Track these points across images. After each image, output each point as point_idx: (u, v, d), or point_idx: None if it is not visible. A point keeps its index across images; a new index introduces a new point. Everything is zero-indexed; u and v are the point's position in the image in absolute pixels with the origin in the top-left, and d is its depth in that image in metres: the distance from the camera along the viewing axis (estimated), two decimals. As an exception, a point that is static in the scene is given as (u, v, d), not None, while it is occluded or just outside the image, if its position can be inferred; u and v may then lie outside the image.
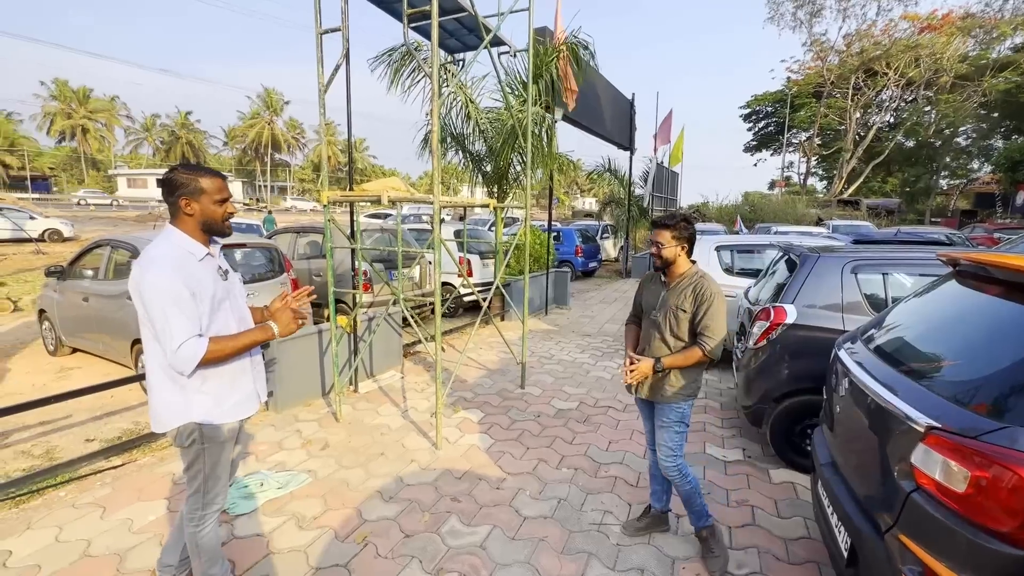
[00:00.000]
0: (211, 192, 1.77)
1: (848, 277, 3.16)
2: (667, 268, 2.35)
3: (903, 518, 1.41)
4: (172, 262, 1.67)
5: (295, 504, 2.84)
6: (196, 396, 1.77)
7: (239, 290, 1.97)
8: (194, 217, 1.77)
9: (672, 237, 2.28)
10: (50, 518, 2.69)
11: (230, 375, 1.85)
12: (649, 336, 2.39)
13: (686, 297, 2.26)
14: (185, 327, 1.64)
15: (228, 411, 1.86)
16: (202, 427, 1.80)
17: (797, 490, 3.08)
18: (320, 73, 3.50)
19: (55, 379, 5.19)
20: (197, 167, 1.81)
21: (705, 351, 2.21)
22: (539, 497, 2.95)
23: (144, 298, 1.65)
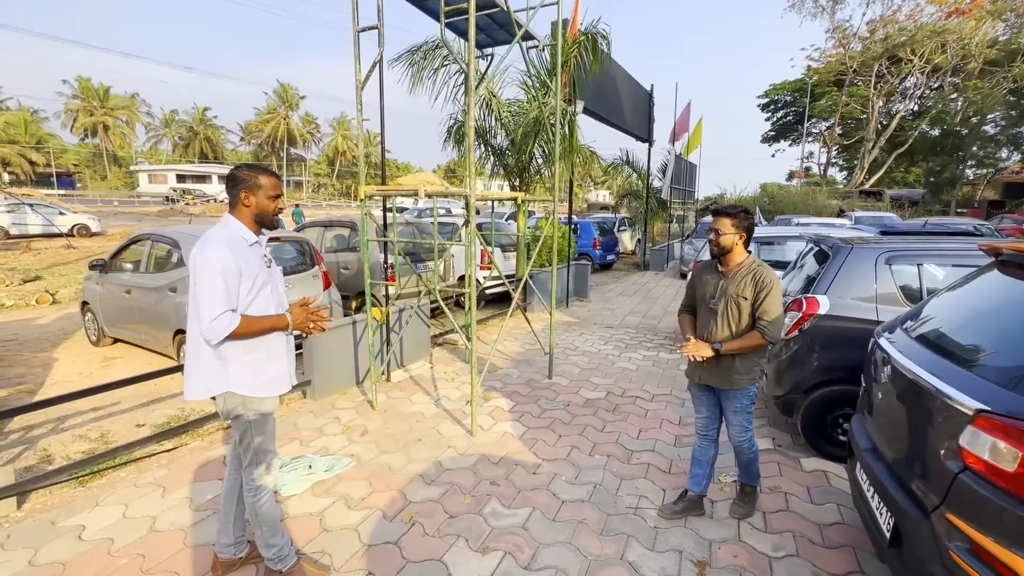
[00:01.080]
0: (267, 188, 2.01)
1: (882, 268, 3.18)
2: (724, 256, 2.44)
3: (950, 497, 1.47)
4: (227, 242, 1.90)
5: (342, 486, 2.97)
6: (233, 367, 1.96)
7: (279, 279, 2.18)
8: (250, 209, 2.00)
9: (732, 225, 2.38)
10: (115, 496, 2.85)
11: (267, 352, 2.04)
12: (708, 324, 2.48)
13: (746, 285, 2.36)
14: (224, 301, 1.85)
15: (265, 385, 2.04)
16: (245, 399, 2.00)
17: (829, 478, 3.12)
18: (357, 70, 3.59)
19: (99, 368, 5.42)
20: (258, 167, 2.04)
21: (766, 335, 2.32)
22: (575, 482, 3.04)
23: (198, 270, 1.86)
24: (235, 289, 1.89)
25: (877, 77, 30.00)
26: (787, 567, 2.34)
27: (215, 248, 1.87)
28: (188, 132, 64.53)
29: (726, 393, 2.52)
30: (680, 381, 4.87)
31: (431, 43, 6.81)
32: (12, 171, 50.06)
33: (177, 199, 38.90)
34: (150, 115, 63.59)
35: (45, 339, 6.53)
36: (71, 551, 2.39)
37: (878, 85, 30.32)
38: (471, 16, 3.20)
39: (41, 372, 5.23)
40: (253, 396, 2.01)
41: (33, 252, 15.13)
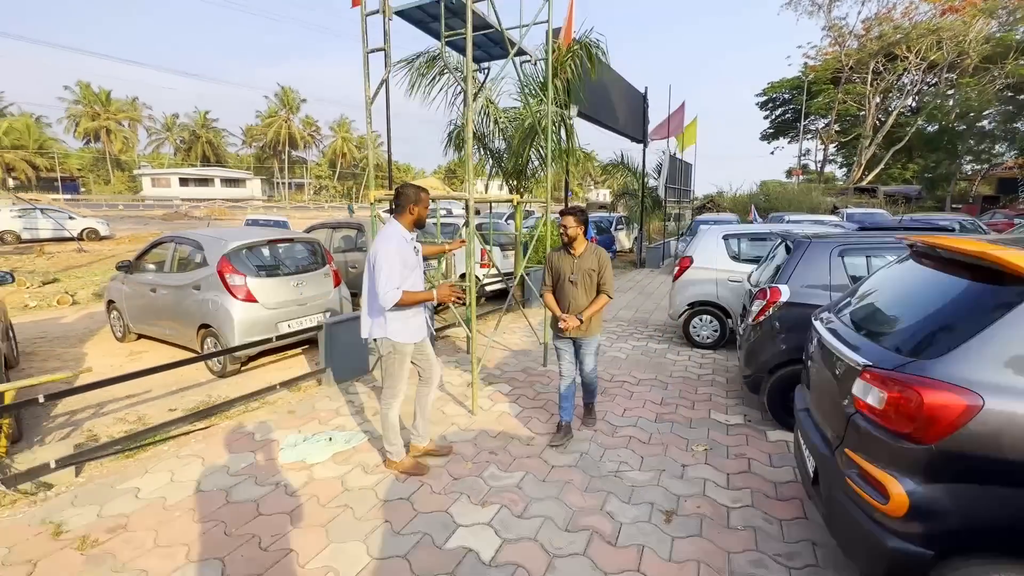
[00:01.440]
0: (424, 202, 2.97)
1: (836, 260, 3.58)
2: (573, 244, 3.43)
3: (847, 436, 1.86)
4: (397, 240, 2.84)
5: (358, 456, 3.38)
6: (390, 322, 2.92)
7: (421, 264, 3.08)
8: (413, 216, 2.95)
9: (575, 221, 3.39)
10: (161, 465, 3.27)
11: (412, 312, 3.00)
12: (570, 294, 3.44)
13: (593, 262, 3.41)
14: (395, 279, 2.76)
15: (411, 333, 3.01)
16: (395, 343, 2.95)
17: (789, 446, 3.52)
18: (366, 87, 4.00)
19: (128, 361, 5.84)
20: (418, 187, 3.00)
21: (609, 295, 3.43)
22: (564, 451, 3.45)
23: (379, 258, 2.76)
24: (400, 272, 2.76)
25: (874, 74, 30.34)
26: (742, 515, 2.74)
27: (391, 244, 2.78)
28: (190, 136, 65.07)
29: (582, 342, 3.53)
30: (664, 369, 5.27)
31: (432, 52, 7.20)
32: (16, 176, 50.65)
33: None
34: (152, 119, 64.18)
35: (72, 336, 6.96)
36: (131, 506, 2.80)
37: (875, 82, 30.66)
38: (468, 37, 3.60)
39: (75, 365, 5.65)
40: (401, 341, 2.96)
41: (47, 256, 15.56)
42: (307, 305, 5.55)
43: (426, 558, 2.40)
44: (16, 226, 19.81)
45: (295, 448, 3.41)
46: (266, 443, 3.56)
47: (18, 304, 9.10)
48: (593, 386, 3.80)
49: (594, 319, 3.47)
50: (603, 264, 3.43)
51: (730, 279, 5.75)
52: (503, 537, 2.55)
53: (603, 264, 3.43)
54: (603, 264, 3.43)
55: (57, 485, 3.04)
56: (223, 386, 4.98)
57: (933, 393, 1.57)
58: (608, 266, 3.45)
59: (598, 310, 3.42)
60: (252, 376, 5.26)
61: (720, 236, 5.98)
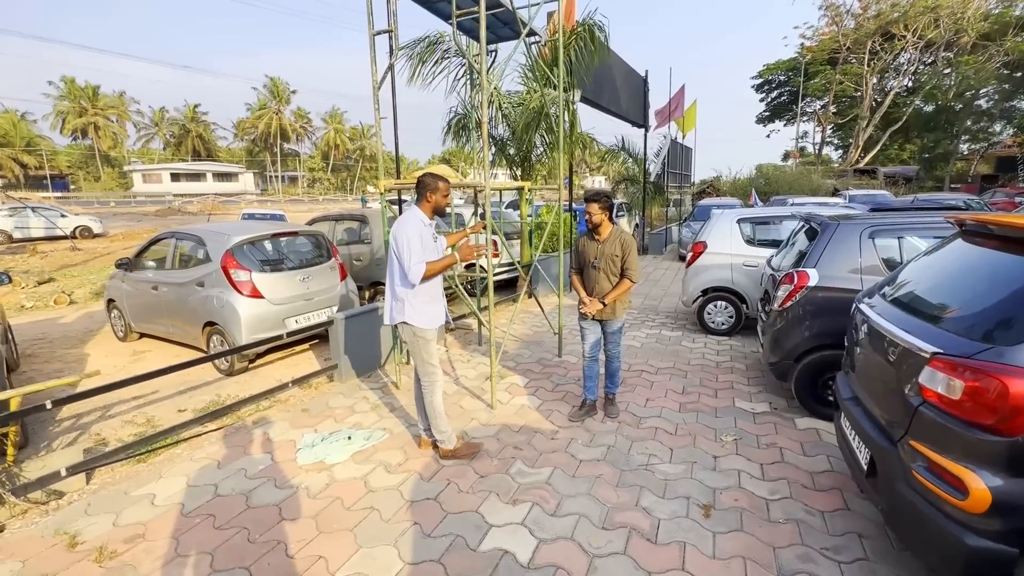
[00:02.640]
0: (442, 191, 3.02)
1: (866, 242, 3.46)
2: (597, 229, 3.46)
3: (912, 427, 1.77)
4: (416, 224, 2.90)
5: (379, 455, 3.28)
6: (409, 309, 2.98)
7: (440, 249, 3.10)
8: (431, 203, 3.00)
9: (600, 208, 3.40)
10: (176, 469, 3.16)
11: (429, 297, 3.03)
12: (594, 278, 3.50)
13: (617, 247, 3.42)
14: (418, 256, 2.83)
15: (429, 319, 3.04)
16: (414, 329, 3.01)
17: (820, 435, 3.44)
18: (373, 72, 3.83)
19: (131, 361, 5.70)
20: (437, 176, 3.02)
21: (632, 279, 3.44)
22: (590, 445, 3.36)
23: (399, 239, 2.86)
24: (420, 249, 2.83)
25: (870, 54, 30.04)
26: (782, 507, 2.66)
27: (409, 225, 2.87)
28: (180, 130, 64.05)
29: (609, 323, 3.58)
30: (681, 357, 5.18)
31: (433, 37, 6.99)
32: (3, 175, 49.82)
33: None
34: (140, 113, 63.11)
35: (72, 336, 6.80)
36: (148, 514, 2.70)
37: (872, 62, 30.36)
38: (481, 16, 3.43)
39: (77, 367, 5.52)
40: (420, 327, 3.00)
41: (40, 255, 15.31)
42: (314, 300, 5.41)
43: (461, 561, 2.30)
44: (7, 225, 19.46)
45: (313, 448, 3.31)
46: (282, 444, 3.45)
47: (14, 305, 8.92)
48: (615, 371, 3.77)
49: (618, 303, 3.50)
50: (627, 249, 3.44)
51: (745, 264, 5.64)
52: (538, 537, 2.45)
53: (627, 249, 3.44)
54: (627, 249, 3.44)
55: (68, 493, 2.93)
56: (232, 384, 4.86)
57: (1020, 382, 1.46)
58: (632, 251, 3.44)
59: (621, 294, 3.45)
60: (260, 374, 5.14)
61: (734, 220, 5.86)
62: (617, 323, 3.59)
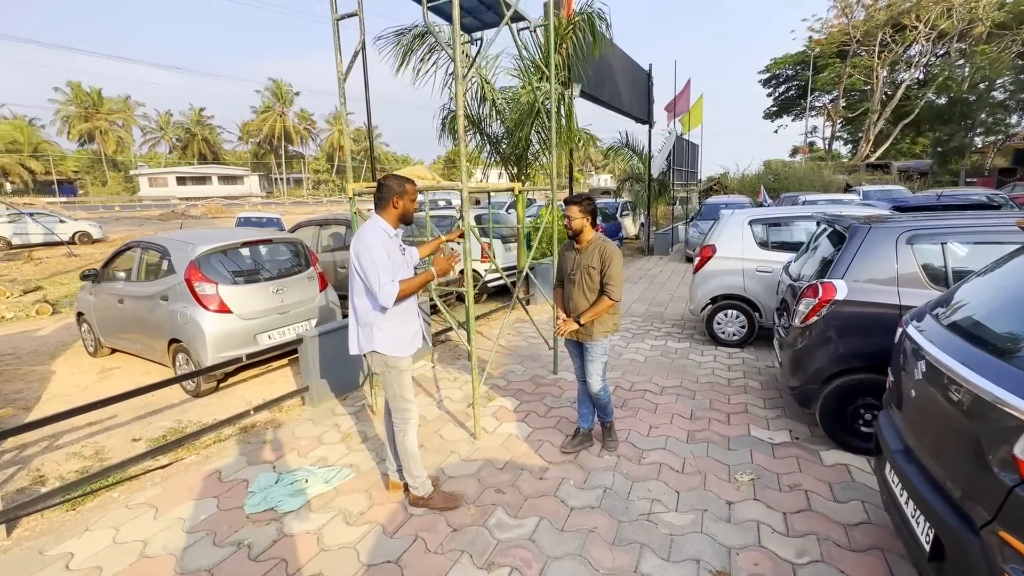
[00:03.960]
0: (410, 194, 2.53)
1: (903, 248, 2.98)
2: (578, 236, 3.01)
3: (1005, 513, 1.31)
4: (380, 235, 2.43)
5: (341, 499, 2.85)
6: (377, 334, 2.49)
7: (409, 262, 2.66)
8: (397, 210, 2.52)
9: (580, 211, 2.93)
10: (106, 519, 2.75)
11: (401, 319, 2.55)
12: (570, 292, 3.05)
13: (595, 257, 2.93)
14: (387, 274, 2.36)
15: (403, 345, 2.56)
16: (386, 358, 2.52)
17: (852, 472, 2.97)
18: (338, 61, 3.40)
19: (98, 380, 5.32)
20: (403, 177, 2.56)
21: (611, 296, 2.91)
22: (584, 486, 2.91)
23: (362, 257, 2.37)
24: (389, 266, 2.37)
25: (881, 46, 29.26)
26: (812, 574, 2.20)
27: (372, 238, 2.38)
28: (185, 133, 64.20)
29: (586, 346, 3.08)
30: (689, 373, 4.71)
31: (421, 27, 6.56)
32: (12, 180, 50.14)
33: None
34: (146, 117, 63.32)
35: (43, 351, 6.44)
36: (58, 582, 2.28)
37: (882, 54, 29.59)
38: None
39: (38, 386, 5.15)
40: (392, 355, 2.53)
41: (35, 262, 15.10)
42: (289, 313, 5.00)
43: (418, 654, 1.87)
44: (6, 232, 19.30)
45: (265, 493, 2.88)
46: (233, 486, 3.03)
47: (-6, 316, 8.61)
48: (603, 402, 3.22)
49: (597, 322, 3.00)
50: (607, 260, 2.92)
51: (758, 269, 5.16)
52: (515, 618, 2.01)
53: (607, 260, 2.92)
54: (607, 260, 2.92)
55: (-23, 551, 2.53)
56: (197, 408, 4.46)
57: None
58: (614, 262, 2.91)
59: (596, 314, 2.94)
60: (230, 394, 4.73)
61: (746, 221, 5.37)
62: (596, 347, 3.05)
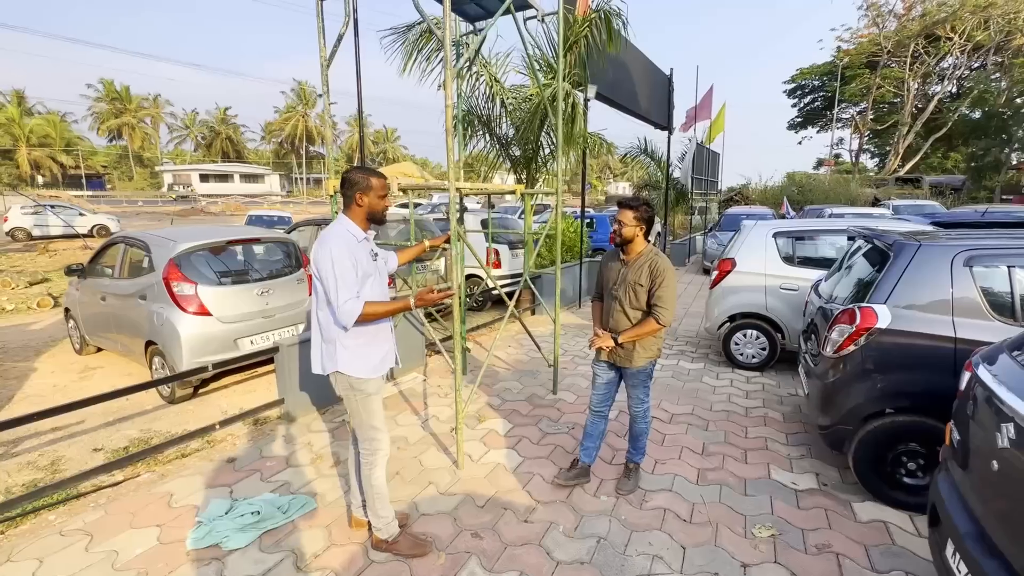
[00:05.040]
0: (377, 189, 2.17)
1: (960, 271, 2.54)
2: (626, 246, 2.65)
3: None
4: (343, 241, 2.08)
5: (296, 537, 2.50)
6: (341, 350, 2.16)
7: (383, 269, 2.35)
8: (363, 208, 2.17)
9: (634, 218, 2.57)
10: (34, 547, 2.44)
11: (370, 336, 2.22)
12: (611, 309, 2.70)
13: (643, 273, 2.57)
14: (347, 290, 2.04)
15: (371, 367, 2.22)
16: (351, 380, 2.19)
17: (891, 532, 2.52)
18: (321, 46, 3.10)
19: (77, 379, 5.09)
20: (369, 169, 2.21)
21: (659, 320, 2.55)
22: (574, 535, 2.51)
23: (321, 266, 2.05)
24: (354, 278, 2.06)
25: (913, 57, 28.31)
26: (849, 673, 1.78)
27: (333, 245, 2.05)
28: (210, 132, 65.45)
29: (627, 371, 2.75)
30: (703, 399, 4.28)
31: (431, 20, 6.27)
32: (43, 174, 51.58)
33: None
34: (173, 115, 64.72)
35: (32, 346, 6.27)
36: (-46, 628, 1.97)
37: (914, 66, 28.61)
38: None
39: (14, 385, 4.93)
40: (358, 377, 2.19)
41: (50, 253, 15.21)
42: (275, 317, 4.70)
43: None
44: (27, 223, 19.62)
45: (212, 525, 2.55)
46: (182, 512, 2.71)
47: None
48: (639, 435, 2.91)
49: (639, 345, 2.65)
50: (658, 276, 2.55)
51: (782, 287, 4.71)
52: None
53: (658, 276, 2.55)
54: (658, 276, 2.55)
55: None
56: (171, 415, 4.18)
57: None
58: (667, 281, 2.54)
59: (640, 335, 2.60)
60: (207, 402, 4.44)
61: (769, 234, 4.93)
62: (639, 373, 2.73)
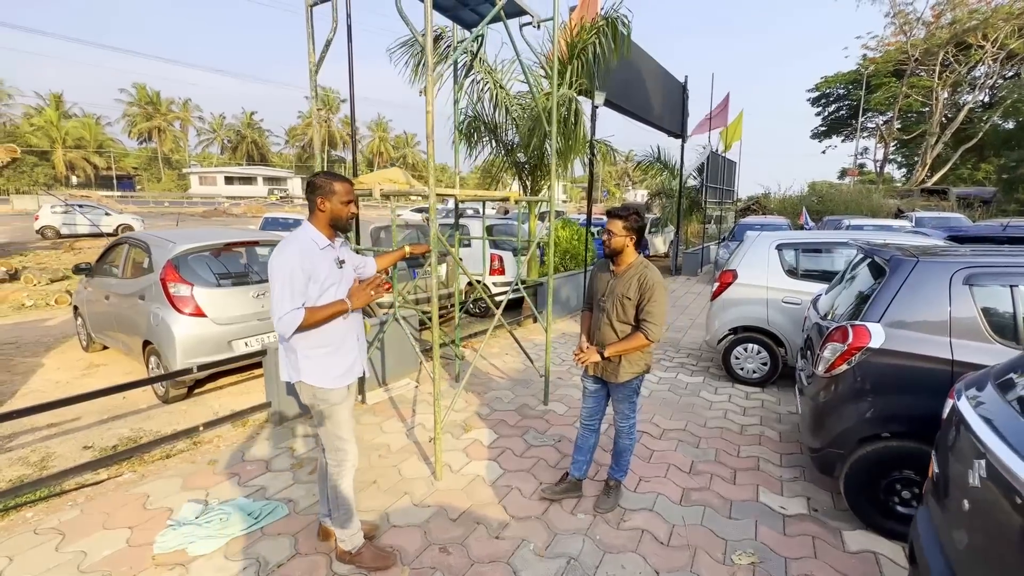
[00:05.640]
0: (340, 194, 2.11)
1: (959, 289, 2.41)
2: (615, 257, 2.57)
3: None
4: (298, 249, 2.02)
5: (263, 544, 2.47)
6: (303, 360, 2.11)
7: (349, 277, 2.24)
8: (325, 214, 2.10)
9: (624, 228, 2.48)
10: (6, 545, 2.46)
11: (334, 347, 2.15)
12: (599, 321, 2.62)
13: (632, 286, 2.48)
14: (290, 301, 1.97)
15: (334, 376, 2.16)
16: (314, 390, 2.14)
17: (881, 564, 2.38)
18: (311, 51, 3.11)
19: (80, 376, 5.20)
20: (333, 174, 2.14)
21: (648, 335, 2.44)
22: (544, 554, 2.43)
23: (272, 273, 1.99)
24: (301, 289, 2.00)
25: (942, 66, 27.53)
26: None
27: (286, 253, 2.00)
28: (236, 136, 67.13)
29: (612, 386, 2.68)
30: (697, 414, 4.15)
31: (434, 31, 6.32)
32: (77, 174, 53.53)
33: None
34: (201, 119, 66.58)
35: (44, 342, 6.44)
36: (-85, 624, 1.99)
37: (943, 75, 27.82)
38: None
39: (20, 380, 5.05)
40: (321, 387, 2.13)
41: (75, 251, 15.67)
42: (270, 320, 4.72)
43: None
44: (56, 222, 20.31)
45: (182, 529, 2.54)
46: (155, 514, 2.70)
47: (15, 303, 8.82)
48: (622, 452, 2.81)
49: (626, 359, 2.56)
50: (647, 290, 2.45)
51: (785, 300, 4.56)
52: None
53: (647, 290, 2.45)
54: (647, 290, 2.45)
55: None
56: (163, 415, 4.22)
57: None
58: (655, 295, 2.44)
59: (626, 350, 2.50)
60: (200, 402, 4.49)
61: (772, 245, 4.78)
62: (623, 388, 2.64)
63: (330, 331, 2.12)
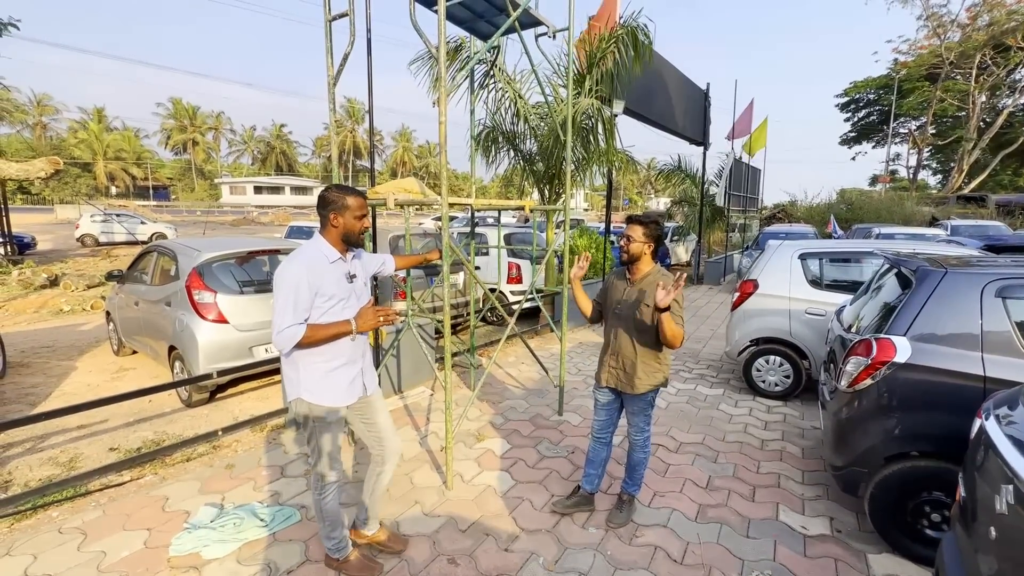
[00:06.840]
0: (353, 209, 2.08)
1: (992, 302, 2.29)
2: (632, 264, 2.55)
3: None
4: (306, 262, 2.00)
5: (274, 550, 2.50)
6: (304, 375, 2.08)
7: (360, 293, 2.23)
8: (338, 229, 2.08)
9: (643, 234, 2.49)
10: (32, 543, 2.54)
11: (337, 364, 2.13)
12: (615, 330, 2.60)
13: (649, 292, 2.44)
14: (292, 315, 1.95)
15: (332, 395, 2.13)
16: (311, 406, 2.10)
17: (909, 591, 2.27)
18: (329, 64, 3.19)
19: (110, 379, 5.38)
20: (346, 187, 2.12)
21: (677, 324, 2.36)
22: (554, 568, 2.39)
23: (276, 285, 1.98)
24: (306, 304, 1.99)
25: (979, 69, 26.58)
26: None
27: (293, 266, 1.98)
28: (266, 147, 69.26)
29: (628, 398, 2.63)
30: (716, 427, 4.05)
31: (453, 43, 6.42)
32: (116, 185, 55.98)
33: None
34: (233, 131, 68.96)
35: (79, 346, 6.70)
36: (-56, 618, 2.07)
37: (980, 78, 26.84)
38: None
39: (55, 382, 5.26)
40: (318, 404, 2.11)
41: (111, 259, 16.32)
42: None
43: None
44: (95, 230, 21.24)
45: (197, 533, 2.59)
46: (173, 517, 2.77)
47: (54, 308, 9.21)
48: (636, 465, 2.75)
49: (643, 371, 2.53)
50: None
51: (808, 311, 4.42)
52: None
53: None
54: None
55: None
56: (185, 419, 4.33)
57: None
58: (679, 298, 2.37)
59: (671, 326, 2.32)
60: (221, 407, 4.59)
61: (795, 255, 4.66)
62: (639, 400, 2.58)
63: (333, 346, 2.10)
